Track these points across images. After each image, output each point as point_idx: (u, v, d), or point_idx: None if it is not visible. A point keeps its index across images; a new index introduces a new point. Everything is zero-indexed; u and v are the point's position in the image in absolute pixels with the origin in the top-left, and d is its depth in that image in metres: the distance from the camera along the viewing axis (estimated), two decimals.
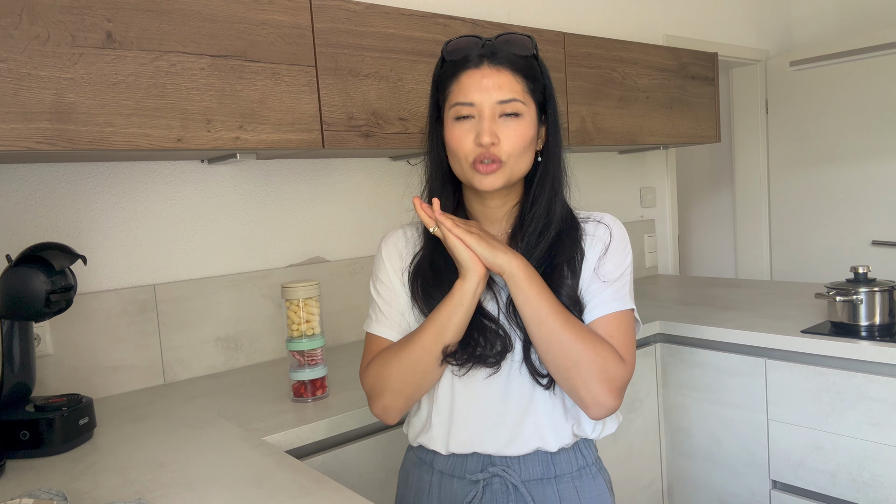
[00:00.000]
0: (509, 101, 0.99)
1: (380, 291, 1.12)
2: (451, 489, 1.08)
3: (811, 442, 1.77)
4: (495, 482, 1.05)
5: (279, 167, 1.92)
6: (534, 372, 1.02)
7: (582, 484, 1.08)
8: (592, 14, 2.69)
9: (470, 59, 1.00)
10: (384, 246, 1.14)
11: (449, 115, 1.02)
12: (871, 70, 3.11)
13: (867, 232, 3.20)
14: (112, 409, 1.51)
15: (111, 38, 1.27)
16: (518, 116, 1.00)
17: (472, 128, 0.99)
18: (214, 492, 1.03)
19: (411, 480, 1.14)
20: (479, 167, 0.99)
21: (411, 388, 1.03)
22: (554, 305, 0.98)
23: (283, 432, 1.30)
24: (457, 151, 1.01)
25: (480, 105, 0.99)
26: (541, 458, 1.06)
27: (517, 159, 1.01)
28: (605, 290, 1.03)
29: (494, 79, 0.99)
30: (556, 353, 0.97)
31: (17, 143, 1.18)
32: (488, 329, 1.02)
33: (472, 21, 1.87)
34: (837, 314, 1.80)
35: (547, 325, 0.96)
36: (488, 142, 0.97)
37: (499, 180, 1.00)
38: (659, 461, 2.14)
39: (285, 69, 1.50)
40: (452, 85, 1.01)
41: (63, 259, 1.28)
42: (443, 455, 1.09)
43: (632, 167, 2.97)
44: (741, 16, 3.37)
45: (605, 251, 1.05)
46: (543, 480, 1.06)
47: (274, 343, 1.90)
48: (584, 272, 1.05)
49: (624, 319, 1.03)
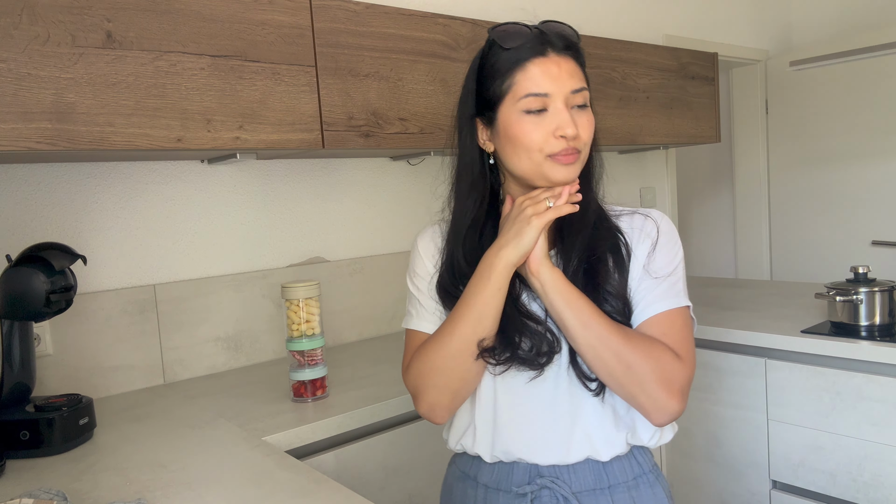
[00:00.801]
0: (580, 90, 0.94)
1: (417, 285, 1.06)
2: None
3: (811, 442, 1.77)
4: (544, 495, 0.98)
5: (279, 167, 1.92)
6: (582, 376, 0.96)
7: (639, 494, 1.00)
8: (592, 14, 2.69)
9: (532, 46, 0.93)
10: (420, 240, 1.08)
11: (517, 108, 0.93)
12: (871, 70, 3.11)
13: (867, 232, 3.20)
14: (112, 409, 1.51)
15: (111, 38, 1.27)
16: (586, 107, 0.96)
17: (548, 119, 0.92)
18: (214, 492, 1.03)
19: (455, 496, 1.08)
20: (560, 158, 0.92)
21: (457, 383, 0.97)
22: (596, 309, 0.92)
23: (283, 432, 1.30)
24: (530, 145, 0.93)
25: (555, 95, 0.92)
26: (592, 467, 0.99)
27: (587, 149, 0.97)
28: (657, 288, 0.96)
29: (565, 67, 0.93)
30: (607, 357, 0.91)
31: (17, 143, 1.18)
32: (533, 330, 0.96)
33: (472, 21, 1.86)
34: (837, 314, 1.79)
35: (592, 328, 0.91)
36: (573, 133, 0.91)
37: (576, 170, 0.95)
38: (659, 461, 2.14)
39: (285, 69, 1.50)
40: (517, 74, 0.93)
41: (63, 259, 1.28)
42: (487, 464, 1.03)
43: (632, 167, 2.97)
44: (741, 16, 3.37)
45: (653, 247, 0.99)
46: (596, 491, 0.99)
47: (274, 343, 1.90)
48: (633, 270, 0.98)
49: (679, 317, 0.96)
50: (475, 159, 1.01)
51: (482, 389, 1.00)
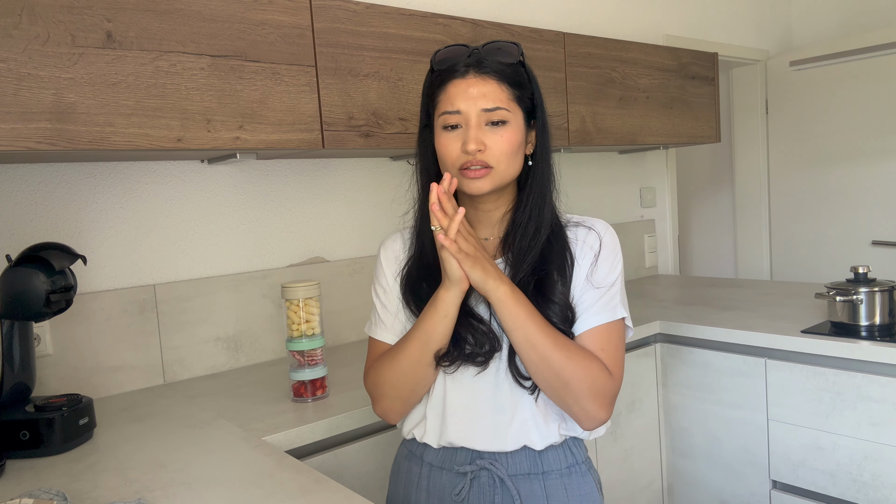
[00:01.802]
0: (494, 109, 1.02)
1: (379, 295, 1.16)
2: (439, 481, 1.11)
3: (811, 442, 1.77)
4: (483, 475, 1.08)
5: (279, 167, 1.92)
6: (518, 376, 1.05)
7: (571, 481, 1.09)
8: (592, 14, 2.69)
9: (457, 68, 1.03)
10: (382, 250, 1.18)
11: (438, 124, 1.05)
12: (871, 70, 3.11)
13: (867, 232, 3.20)
14: (112, 409, 1.51)
15: (111, 38, 1.27)
16: (505, 124, 1.03)
17: (459, 135, 1.02)
18: (214, 492, 1.03)
19: (401, 473, 1.17)
20: (467, 172, 1.02)
21: (407, 393, 1.08)
22: (543, 327, 1.00)
23: (283, 432, 1.30)
24: (445, 158, 1.04)
25: (467, 113, 1.02)
26: (528, 454, 1.08)
27: (506, 164, 1.04)
28: (598, 300, 1.06)
29: (480, 87, 1.02)
30: (547, 374, 1.01)
31: (17, 143, 1.18)
32: (477, 329, 1.05)
33: (472, 21, 1.86)
34: (837, 314, 1.80)
35: (537, 348, 1.00)
36: (474, 149, 1.00)
37: (486, 184, 1.03)
38: (659, 461, 2.14)
39: (285, 69, 1.50)
40: (440, 94, 1.04)
41: (63, 259, 1.28)
42: (433, 448, 1.11)
43: (632, 167, 2.97)
44: (741, 16, 3.37)
45: (595, 259, 1.07)
46: (530, 476, 1.08)
47: (274, 343, 1.90)
48: (575, 279, 1.07)
49: (614, 331, 1.06)
50: (430, 166, 1.11)
51: (434, 385, 1.09)
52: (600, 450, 1.96)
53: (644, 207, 3.04)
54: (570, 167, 2.68)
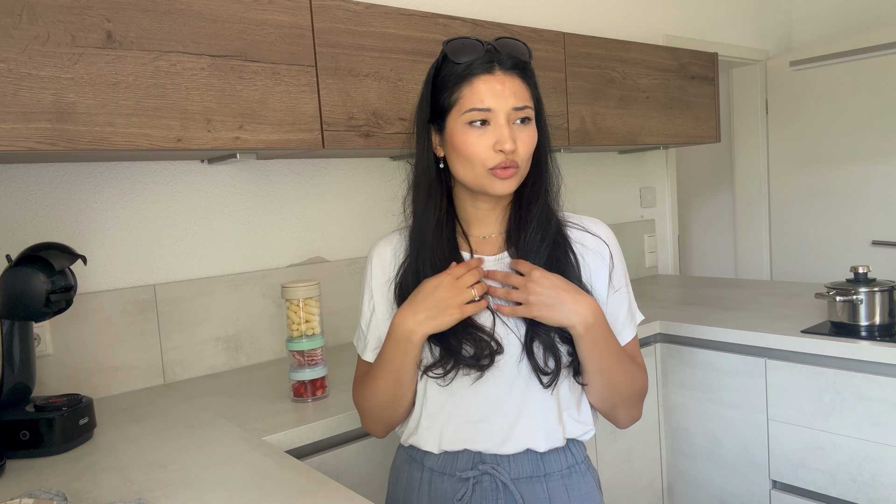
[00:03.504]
0: (523, 108, 1.00)
1: (364, 310, 1.16)
2: (441, 486, 1.09)
3: (811, 442, 1.77)
4: (485, 480, 1.06)
5: (279, 167, 1.92)
6: (537, 369, 1.02)
7: (571, 482, 1.09)
8: (592, 14, 2.69)
9: (481, 63, 1.00)
10: (372, 258, 1.15)
11: (460, 120, 1.00)
12: (871, 70, 3.11)
13: (867, 232, 3.20)
14: (112, 409, 1.51)
15: (111, 38, 1.27)
16: (529, 122, 1.02)
17: (487, 133, 0.99)
18: (214, 492, 1.03)
19: (402, 478, 1.15)
20: (498, 172, 0.99)
21: (386, 418, 1.10)
22: (617, 353, 1.04)
23: (283, 432, 1.30)
24: (471, 157, 1.00)
25: (497, 111, 0.99)
26: (530, 457, 1.07)
27: (527, 164, 1.04)
28: (625, 309, 1.10)
29: (510, 85, 0.99)
30: (609, 394, 1.06)
31: (17, 143, 1.18)
32: (477, 338, 1.02)
33: (472, 21, 1.87)
34: (837, 314, 1.80)
35: (608, 374, 1.03)
36: (511, 148, 0.98)
37: (513, 184, 1.02)
38: (659, 461, 2.14)
39: (285, 69, 1.50)
40: (464, 89, 1.00)
41: (63, 259, 1.28)
42: (434, 453, 1.10)
43: (632, 167, 2.97)
44: (741, 16, 3.37)
45: (610, 268, 1.09)
46: (533, 479, 1.07)
47: (274, 343, 1.90)
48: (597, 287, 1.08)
49: (637, 336, 1.14)
50: (431, 163, 1.08)
51: (430, 393, 1.06)
52: (600, 450, 1.96)
53: (644, 207, 3.04)
54: (570, 167, 2.68)
